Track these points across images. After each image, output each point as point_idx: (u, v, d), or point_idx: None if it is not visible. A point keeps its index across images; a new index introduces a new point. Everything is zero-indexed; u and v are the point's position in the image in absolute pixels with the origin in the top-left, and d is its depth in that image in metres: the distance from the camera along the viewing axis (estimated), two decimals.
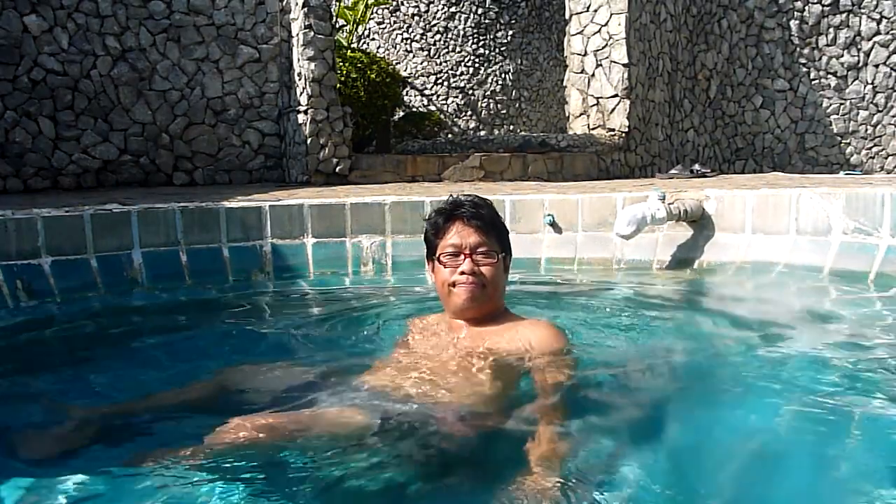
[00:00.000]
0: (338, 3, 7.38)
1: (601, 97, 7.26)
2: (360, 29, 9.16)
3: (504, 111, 10.06)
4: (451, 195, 2.12)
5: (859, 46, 8.80)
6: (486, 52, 9.91)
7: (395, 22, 9.84)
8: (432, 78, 9.83)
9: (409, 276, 3.62)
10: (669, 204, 3.60)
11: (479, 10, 9.81)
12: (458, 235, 1.98)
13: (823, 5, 8.76)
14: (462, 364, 1.90)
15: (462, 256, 1.97)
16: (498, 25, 9.93)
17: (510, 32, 10.00)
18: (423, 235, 2.10)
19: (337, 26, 7.15)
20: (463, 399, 1.75)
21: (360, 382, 1.84)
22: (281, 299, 3.39)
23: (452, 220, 2.00)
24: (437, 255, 2.02)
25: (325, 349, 2.38)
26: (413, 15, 9.77)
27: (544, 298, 3.09)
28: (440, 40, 9.79)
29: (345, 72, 6.40)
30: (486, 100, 9.95)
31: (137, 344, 2.60)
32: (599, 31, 7.17)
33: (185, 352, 2.48)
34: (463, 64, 9.83)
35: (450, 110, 9.82)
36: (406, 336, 2.18)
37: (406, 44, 9.83)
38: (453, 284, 1.98)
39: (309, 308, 3.22)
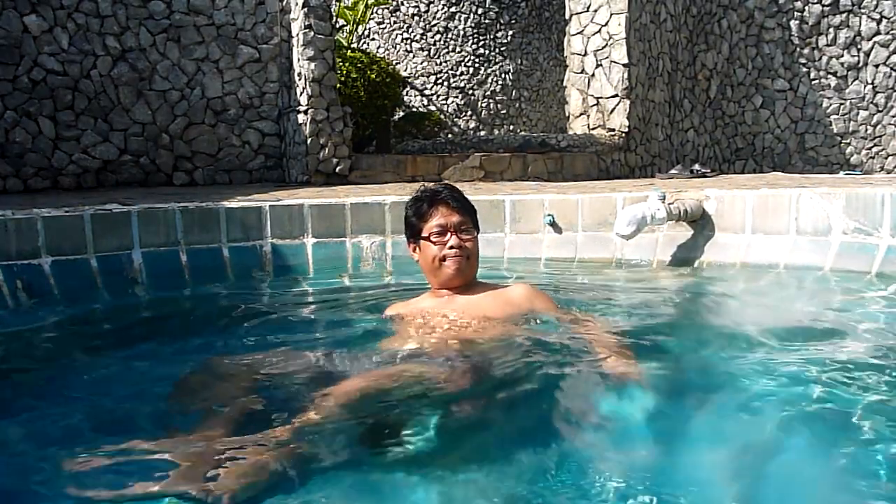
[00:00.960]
0: (338, 3, 7.38)
1: (601, 97, 7.26)
2: (360, 29, 9.16)
3: (504, 111, 10.06)
4: (422, 185, 2.43)
5: (859, 46, 8.80)
6: (486, 52, 9.90)
7: (395, 22, 9.84)
8: (432, 78, 9.82)
9: (410, 275, 3.62)
10: (669, 204, 3.60)
11: (479, 10, 9.81)
12: (443, 216, 2.31)
13: (823, 5, 8.76)
14: (470, 325, 2.20)
15: (448, 234, 2.30)
16: (498, 25, 9.93)
17: (510, 32, 10.00)
18: (404, 220, 2.40)
19: (337, 26, 7.15)
20: (481, 350, 2.04)
21: (388, 354, 2.03)
22: (281, 299, 3.38)
23: (436, 204, 2.32)
24: (424, 235, 2.32)
25: (328, 346, 2.38)
26: (413, 15, 9.77)
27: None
28: (440, 40, 9.79)
29: (345, 72, 6.40)
30: (486, 100, 9.94)
31: (138, 344, 2.60)
32: (599, 31, 7.17)
33: (185, 351, 2.48)
34: (463, 64, 9.83)
35: (450, 110, 9.82)
36: (398, 318, 2.39)
37: (406, 44, 9.83)
38: (443, 259, 2.30)
39: (309, 308, 3.21)
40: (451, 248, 2.29)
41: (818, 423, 1.69)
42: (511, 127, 10.05)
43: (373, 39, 9.94)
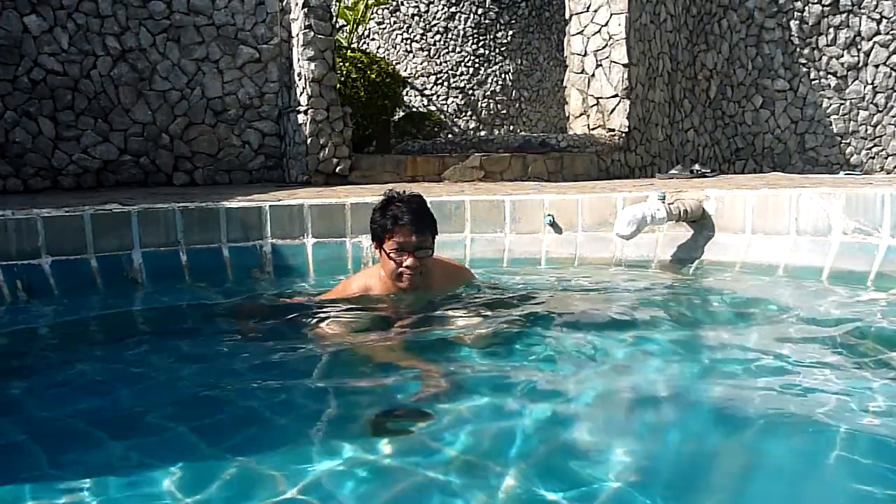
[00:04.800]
0: (338, 3, 7.37)
1: (601, 97, 7.26)
2: (360, 29, 9.16)
3: (504, 111, 10.06)
4: (391, 191, 2.63)
5: (859, 46, 8.80)
6: (486, 52, 9.90)
7: (395, 22, 9.84)
8: (432, 78, 9.82)
9: None
10: (669, 204, 3.60)
11: (479, 10, 9.81)
12: (403, 237, 2.49)
13: (823, 5, 8.76)
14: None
15: (405, 255, 2.51)
16: (498, 25, 9.93)
17: (510, 32, 10.00)
18: (370, 222, 2.61)
19: (337, 26, 7.15)
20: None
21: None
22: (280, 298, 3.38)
23: (398, 226, 2.49)
24: (385, 249, 2.53)
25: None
26: (413, 15, 9.77)
27: (544, 298, 3.09)
28: (440, 40, 9.79)
29: (345, 72, 6.40)
30: (486, 100, 9.94)
31: (138, 344, 2.60)
32: (599, 31, 7.17)
33: (184, 351, 2.48)
34: (463, 64, 9.83)
35: (450, 110, 9.82)
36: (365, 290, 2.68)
37: (406, 44, 9.83)
38: (399, 274, 2.54)
39: (309, 307, 3.21)
40: (408, 267, 2.51)
41: (816, 422, 1.69)
42: (511, 127, 10.05)
43: (373, 39, 9.94)
